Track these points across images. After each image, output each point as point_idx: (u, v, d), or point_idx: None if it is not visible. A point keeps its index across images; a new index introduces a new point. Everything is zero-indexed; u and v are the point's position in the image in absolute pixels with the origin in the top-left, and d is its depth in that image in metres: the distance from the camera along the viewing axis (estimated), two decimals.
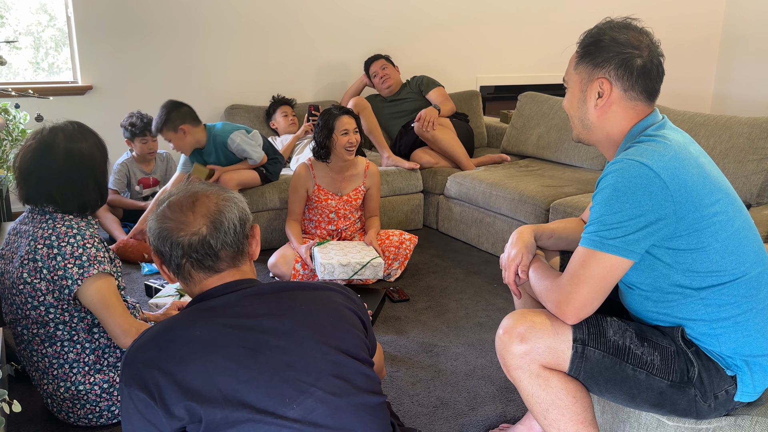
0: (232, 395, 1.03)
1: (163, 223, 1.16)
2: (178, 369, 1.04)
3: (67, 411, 1.83)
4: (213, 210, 1.16)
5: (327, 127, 2.91)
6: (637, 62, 1.36)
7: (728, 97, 5.84)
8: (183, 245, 1.14)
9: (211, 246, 1.15)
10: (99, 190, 1.81)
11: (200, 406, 1.02)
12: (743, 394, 1.37)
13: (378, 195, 3.14)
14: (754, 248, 1.36)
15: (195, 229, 1.14)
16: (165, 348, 1.07)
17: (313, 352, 1.10)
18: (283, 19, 4.28)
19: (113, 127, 3.95)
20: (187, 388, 1.03)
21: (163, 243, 1.15)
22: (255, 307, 1.12)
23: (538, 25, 5.07)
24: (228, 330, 1.08)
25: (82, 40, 3.80)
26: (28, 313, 1.74)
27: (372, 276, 2.83)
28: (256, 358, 1.06)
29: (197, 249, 1.15)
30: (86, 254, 1.70)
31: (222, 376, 1.04)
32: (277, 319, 1.11)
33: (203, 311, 1.12)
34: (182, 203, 1.17)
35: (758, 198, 2.83)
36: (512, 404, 2.02)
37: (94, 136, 1.83)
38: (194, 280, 1.18)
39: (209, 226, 1.15)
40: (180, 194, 1.19)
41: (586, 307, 1.32)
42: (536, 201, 3.14)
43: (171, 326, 1.10)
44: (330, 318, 1.16)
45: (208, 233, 1.15)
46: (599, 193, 1.31)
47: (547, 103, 3.98)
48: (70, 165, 1.74)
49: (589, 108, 1.42)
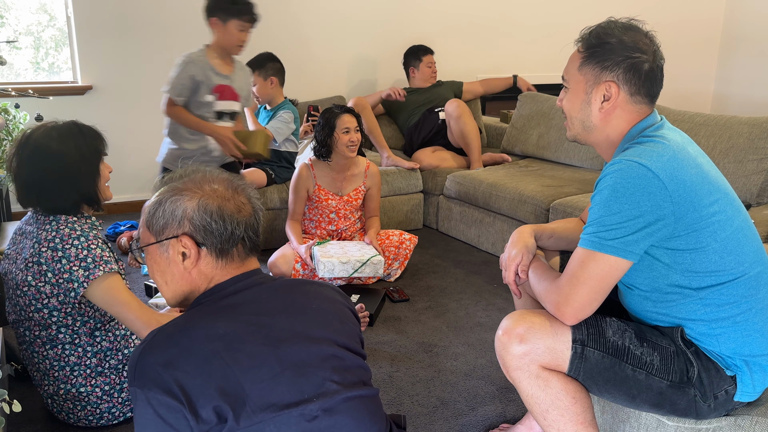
0: (257, 394, 1.01)
1: (223, 202, 1.13)
2: (204, 369, 0.99)
3: (68, 412, 1.83)
4: (252, 197, 1.18)
5: (328, 125, 2.91)
6: (645, 66, 1.35)
7: (728, 97, 5.84)
8: (246, 224, 1.15)
9: (257, 231, 1.17)
10: (75, 192, 1.73)
11: (229, 406, 0.99)
12: (743, 394, 1.37)
13: (378, 195, 3.14)
14: (753, 248, 1.36)
15: (247, 213, 1.16)
16: (187, 347, 1.02)
17: (326, 348, 1.11)
18: (283, 19, 4.28)
19: (113, 127, 3.95)
20: (215, 388, 0.99)
21: (220, 218, 1.12)
22: (273, 304, 1.12)
23: (538, 25, 5.07)
24: (251, 328, 1.07)
25: (82, 40, 3.80)
26: (31, 315, 1.74)
27: (372, 274, 2.83)
28: (277, 355, 1.06)
29: (254, 231, 1.17)
30: (91, 255, 1.69)
31: (247, 374, 1.02)
32: (293, 315, 1.12)
33: (224, 308, 1.10)
34: (233, 184, 1.17)
35: (758, 198, 2.83)
36: (512, 404, 2.02)
37: (78, 138, 1.74)
38: (222, 264, 1.14)
39: (252, 211, 1.17)
40: (218, 175, 1.18)
41: (585, 308, 1.32)
42: (536, 201, 3.14)
43: (190, 325, 1.06)
44: (337, 315, 1.18)
45: (254, 217, 1.17)
46: (598, 194, 1.31)
47: (547, 103, 3.98)
48: (34, 164, 1.70)
49: (593, 110, 1.41)
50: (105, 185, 1.83)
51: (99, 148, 1.79)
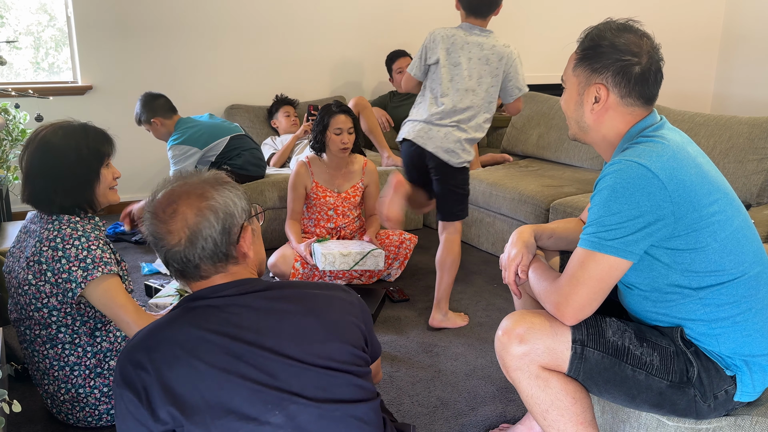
0: (215, 401, 1.03)
1: (151, 227, 1.13)
2: (164, 372, 1.04)
3: (67, 413, 1.83)
4: (191, 222, 1.10)
5: (322, 123, 2.92)
6: (635, 70, 1.35)
7: (728, 97, 5.84)
8: (166, 254, 1.12)
9: (190, 260, 1.11)
10: (68, 194, 1.71)
11: (182, 412, 1.02)
12: (743, 394, 1.37)
13: (377, 193, 3.14)
14: (753, 248, 1.36)
15: (174, 242, 1.10)
16: (153, 350, 1.06)
17: (298, 363, 1.08)
18: (283, 19, 4.28)
19: (113, 128, 3.93)
20: (171, 392, 1.03)
21: (154, 244, 1.14)
22: (242, 316, 1.10)
23: (539, 25, 5.07)
24: (213, 336, 1.07)
25: (82, 40, 3.80)
26: (32, 314, 1.74)
27: (373, 266, 2.81)
28: (239, 366, 1.05)
29: (177, 261, 1.12)
30: (91, 256, 1.68)
31: (204, 382, 1.04)
32: (263, 330, 1.09)
33: (190, 315, 1.10)
34: (164, 208, 1.11)
35: (758, 198, 2.83)
36: (512, 404, 2.02)
37: (81, 139, 1.73)
38: (185, 282, 1.17)
39: (186, 240, 1.10)
40: (164, 193, 1.14)
41: (584, 308, 1.32)
42: (536, 201, 3.14)
43: (159, 328, 1.09)
44: (321, 331, 1.12)
45: (185, 248, 1.10)
46: (597, 194, 1.31)
47: (547, 103, 3.98)
48: (35, 160, 1.70)
49: (585, 111, 1.42)
50: (108, 189, 1.80)
51: (101, 151, 1.76)
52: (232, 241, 1.14)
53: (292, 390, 1.06)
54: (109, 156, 1.80)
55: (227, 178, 1.20)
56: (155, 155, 4.16)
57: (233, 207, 1.14)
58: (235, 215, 1.14)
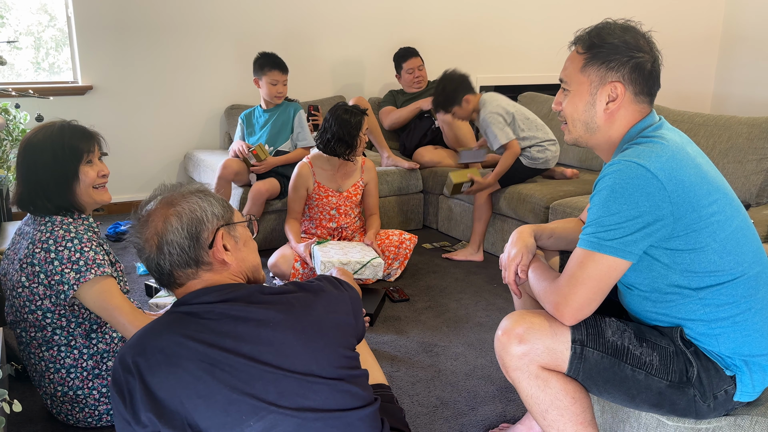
0: (193, 409, 1.03)
1: (131, 238, 1.19)
2: (146, 377, 1.06)
3: (66, 413, 1.83)
4: (159, 229, 1.15)
5: (358, 126, 2.92)
6: (648, 66, 1.36)
7: (728, 97, 5.84)
8: (145, 263, 1.18)
9: (162, 266, 1.16)
10: (46, 195, 1.69)
11: (159, 418, 1.03)
12: (742, 394, 1.37)
13: (376, 191, 3.15)
14: (753, 248, 1.36)
15: (148, 252, 1.16)
16: (139, 354, 1.08)
17: (277, 370, 1.07)
18: (283, 19, 4.28)
19: (113, 127, 3.96)
20: (153, 397, 1.04)
21: (139, 256, 1.20)
22: (221, 322, 1.09)
23: (538, 25, 5.07)
24: (190, 342, 1.07)
25: (82, 40, 3.80)
26: (26, 316, 1.73)
27: (372, 276, 2.83)
28: (214, 374, 1.05)
29: (152, 268, 1.17)
30: (84, 258, 1.66)
31: (183, 389, 1.04)
32: (241, 337, 1.08)
33: (172, 320, 1.11)
34: (140, 219, 1.18)
35: (758, 198, 2.83)
36: (512, 404, 2.02)
37: (57, 139, 1.68)
38: (167, 289, 1.22)
39: (156, 247, 1.15)
40: (142, 207, 1.20)
41: (584, 308, 1.32)
42: (536, 201, 3.14)
43: (147, 332, 1.11)
44: (301, 339, 1.10)
45: (156, 255, 1.15)
46: (597, 194, 1.31)
47: (547, 103, 3.98)
48: (19, 163, 1.70)
49: (597, 111, 1.40)
50: (93, 189, 1.74)
51: (79, 148, 1.70)
52: (203, 246, 1.15)
53: (268, 399, 1.05)
54: (90, 152, 1.72)
55: (205, 188, 1.22)
56: (155, 155, 4.17)
57: (200, 212, 1.16)
58: (204, 220, 1.16)
